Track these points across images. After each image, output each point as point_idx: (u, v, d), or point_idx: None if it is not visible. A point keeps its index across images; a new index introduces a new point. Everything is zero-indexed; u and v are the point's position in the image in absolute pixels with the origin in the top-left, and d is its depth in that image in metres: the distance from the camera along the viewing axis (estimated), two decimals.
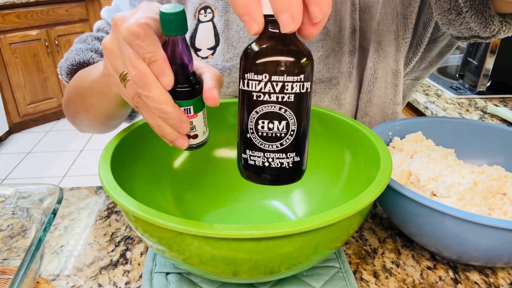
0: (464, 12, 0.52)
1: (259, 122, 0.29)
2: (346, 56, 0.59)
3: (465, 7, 0.52)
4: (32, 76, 2.84)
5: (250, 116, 0.29)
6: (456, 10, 0.53)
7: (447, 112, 1.11)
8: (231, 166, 0.54)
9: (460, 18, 0.54)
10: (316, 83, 0.58)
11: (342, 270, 0.44)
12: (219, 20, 0.57)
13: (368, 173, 0.43)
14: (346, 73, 0.60)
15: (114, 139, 0.43)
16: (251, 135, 0.29)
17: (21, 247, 0.47)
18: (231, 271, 0.35)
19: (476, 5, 0.51)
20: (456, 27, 0.56)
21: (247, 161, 0.30)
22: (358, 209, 0.33)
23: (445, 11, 0.54)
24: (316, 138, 0.52)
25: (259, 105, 0.28)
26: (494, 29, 0.53)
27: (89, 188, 0.61)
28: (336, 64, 0.59)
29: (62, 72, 0.59)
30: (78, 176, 2.41)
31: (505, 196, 0.46)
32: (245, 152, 0.30)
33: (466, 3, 0.52)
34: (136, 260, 0.47)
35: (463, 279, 0.44)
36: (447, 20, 0.55)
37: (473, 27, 0.54)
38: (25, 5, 2.71)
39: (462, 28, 0.56)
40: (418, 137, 0.56)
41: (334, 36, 0.58)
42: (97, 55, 0.58)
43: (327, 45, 0.57)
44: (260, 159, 0.30)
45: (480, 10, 0.52)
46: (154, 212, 0.31)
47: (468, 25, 0.54)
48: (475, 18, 0.53)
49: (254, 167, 0.30)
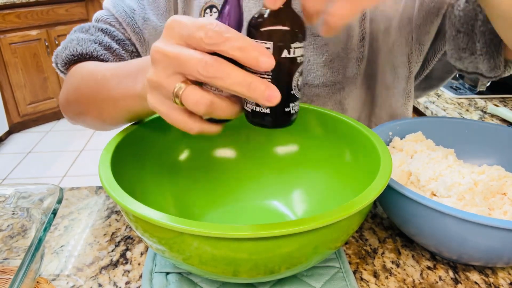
0: (477, 55, 0.53)
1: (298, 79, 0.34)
2: (353, 62, 0.58)
3: (480, 50, 0.53)
4: (32, 76, 2.84)
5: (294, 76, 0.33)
6: (470, 50, 0.54)
7: (447, 112, 1.11)
8: (231, 166, 0.54)
9: (472, 58, 0.55)
10: (319, 87, 0.58)
11: (342, 270, 0.44)
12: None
13: (368, 173, 0.43)
14: (352, 79, 0.59)
15: (114, 139, 0.43)
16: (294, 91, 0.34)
17: (21, 247, 0.47)
18: (231, 271, 0.35)
19: (492, 51, 0.53)
20: (464, 63, 0.57)
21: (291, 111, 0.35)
22: (358, 209, 0.33)
23: (459, 49, 0.55)
24: (316, 138, 0.52)
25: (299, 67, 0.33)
26: (498, 71, 0.55)
27: (89, 188, 0.61)
28: (341, 69, 0.58)
29: (58, 61, 0.55)
30: (78, 176, 2.41)
31: (505, 196, 0.46)
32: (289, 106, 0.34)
33: (483, 48, 0.53)
34: (136, 260, 0.47)
35: (463, 279, 0.44)
36: (458, 56, 0.56)
37: (481, 67, 0.56)
38: (25, 5, 2.71)
39: (470, 65, 0.57)
40: (418, 137, 0.56)
41: (340, 42, 0.57)
42: (101, 48, 0.54)
43: (331, 50, 0.57)
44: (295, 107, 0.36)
45: (493, 56, 0.53)
46: (154, 212, 0.31)
47: (477, 64, 0.55)
48: (487, 62, 0.54)
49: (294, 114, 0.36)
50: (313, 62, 0.57)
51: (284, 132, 0.54)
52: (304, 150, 0.53)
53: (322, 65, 0.57)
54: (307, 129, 0.53)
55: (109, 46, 0.55)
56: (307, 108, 0.52)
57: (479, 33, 0.52)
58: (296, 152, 0.54)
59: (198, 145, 0.53)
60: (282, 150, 0.55)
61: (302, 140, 0.54)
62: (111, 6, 0.58)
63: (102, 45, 0.55)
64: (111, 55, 0.56)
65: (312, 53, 0.56)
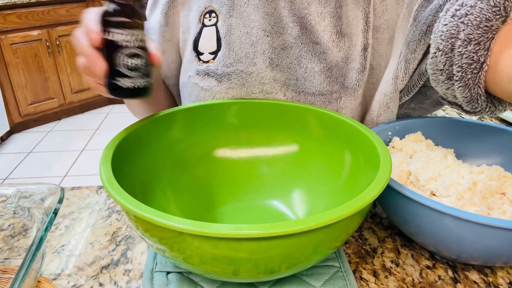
0: (454, 80, 0.49)
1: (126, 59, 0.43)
2: (353, 72, 0.57)
3: (456, 76, 0.48)
4: (33, 76, 2.84)
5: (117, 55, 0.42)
6: (447, 74, 0.50)
7: (446, 112, 1.11)
8: (231, 166, 0.55)
9: (449, 84, 0.50)
10: (315, 95, 0.57)
11: (342, 269, 0.44)
12: (222, 25, 0.56)
13: (368, 173, 0.43)
14: (350, 89, 0.57)
15: (115, 139, 0.43)
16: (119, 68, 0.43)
17: (22, 247, 0.47)
18: (231, 271, 0.35)
19: (468, 79, 0.48)
20: (443, 89, 0.52)
21: (119, 84, 0.43)
22: (358, 209, 0.33)
23: (437, 70, 0.51)
24: (317, 138, 0.53)
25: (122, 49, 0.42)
26: (477, 107, 0.50)
27: (90, 188, 0.61)
28: (339, 78, 0.57)
29: None
30: (79, 175, 2.41)
31: (504, 196, 0.46)
32: (116, 79, 0.43)
33: (458, 73, 0.48)
34: (136, 259, 0.47)
35: (462, 278, 0.44)
36: (436, 78, 0.52)
37: (458, 96, 0.51)
38: (26, 6, 2.72)
39: (448, 93, 0.52)
40: (417, 137, 0.56)
41: (341, 50, 0.56)
42: None
43: (330, 58, 0.56)
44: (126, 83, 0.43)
45: (469, 86, 0.48)
46: (155, 211, 0.32)
47: (454, 92, 0.51)
48: (462, 91, 0.49)
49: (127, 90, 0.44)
50: (311, 69, 0.56)
51: (284, 132, 0.55)
52: (304, 150, 0.54)
53: (320, 73, 0.56)
54: (307, 129, 0.53)
55: None
56: (307, 108, 0.52)
57: (457, 54, 0.48)
58: (296, 152, 0.54)
59: (198, 145, 0.54)
60: (282, 150, 0.55)
61: (302, 140, 0.54)
62: None
63: None
64: None
65: (310, 60, 0.56)
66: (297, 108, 0.53)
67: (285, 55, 0.56)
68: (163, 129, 0.50)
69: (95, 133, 2.95)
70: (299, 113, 0.53)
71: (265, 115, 0.54)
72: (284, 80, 0.56)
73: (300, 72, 0.56)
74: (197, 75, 0.58)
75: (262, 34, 0.55)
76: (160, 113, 0.50)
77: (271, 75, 0.56)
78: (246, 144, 0.55)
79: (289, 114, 0.53)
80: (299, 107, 0.53)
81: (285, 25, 0.55)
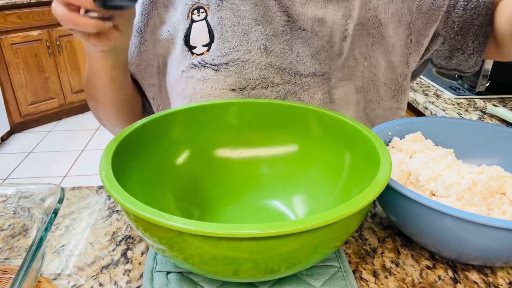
0: (468, 53, 0.64)
1: None
2: (337, 56, 0.62)
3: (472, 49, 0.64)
4: (34, 76, 2.85)
5: None
6: (462, 50, 0.64)
7: (447, 112, 1.11)
8: (231, 166, 0.55)
9: (462, 57, 0.65)
10: (309, 77, 0.61)
11: (341, 269, 0.44)
12: (213, 19, 0.59)
13: (368, 173, 0.43)
14: (337, 71, 0.62)
15: (115, 139, 0.43)
16: None
17: (23, 247, 0.47)
18: (231, 271, 0.35)
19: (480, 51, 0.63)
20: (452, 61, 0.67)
21: None
22: (358, 209, 0.33)
23: (454, 49, 0.65)
24: (316, 138, 0.53)
25: None
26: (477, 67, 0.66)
27: (90, 188, 0.62)
28: (327, 61, 0.61)
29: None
30: (79, 176, 2.41)
31: (504, 196, 0.47)
32: None
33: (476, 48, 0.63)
34: (137, 259, 0.47)
35: (462, 278, 0.44)
36: (450, 55, 0.66)
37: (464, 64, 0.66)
38: (26, 6, 2.72)
39: (454, 63, 0.67)
40: (417, 137, 0.56)
41: (323, 36, 0.61)
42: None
43: (316, 43, 0.60)
44: None
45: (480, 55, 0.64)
46: (155, 211, 0.32)
47: (462, 62, 0.66)
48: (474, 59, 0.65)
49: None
50: (302, 53, 0.60)
51: (284, 132, 0.55)
52: (304, 150, 0.54)
53: (310, 56, 0.60)
54: (307, 129, 0.53)
55: None
56: (307, 108, 0.52)
57: (473, 35, 0.63)
58: (296, 152, 0.54)
59: (199, 145, 0.54)
60: (282, 150, 0.55)
61: (302, 140, 0.54)
62: None
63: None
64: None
65: (300, 46, 0.60)
66: (297, 108, 0.53)
67: (277, 42, 0.59)
68: (163, 129, 0.50)
69: (95, 133, 2.95)
70: (299, 113, 0.53)
71: (265, 115, 0.54)
72: (279, 65, 0.59)
73: (292, 56, 0.60)
74: (192, 68, 0.60)
75: (254, 23, 0.59)
76: (160, 113, 0.50)
77: (266, 60, 0.59)
78: (246, 144, 0.55)
79: (289, 114, 0.54)
80: (299, 107, 0.53)
81: (273, 14, 0.59)
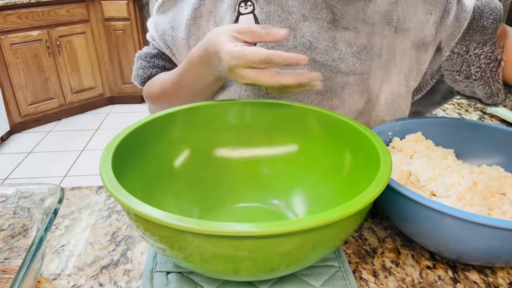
0: (472, 79, 0.56)
1: None
2: (376, 55, 0.61)
3: (475, 75, 0.55)
4: (33, 76, 2.84)
5: None
6: (464, 74, 0.57)
7: (447, 112, 1.11)
8: (231, 166, 0.55)
9: (467, 82, 0.57)
10: (350, 75, 0.61)
11: (341, 269, 0.44)
12: (261, 12, 0.60)
13: (368, 173, 0.43)
14: (376, 70, 0.61)
15: (115, 139, 0.43)
16: None
17: (22, 247, 0.47)
18: (231, 269, 0.35)
19: (487, 77, 0.54)
20: (460, 86, 0.59)
21: None
22: (358, 209, 0.33)
23: (454, 71, 0.58)
24: (316, 138, 0.53)
25: None
26: (498, 100, 0.56)
27: (90, 188, 0.61)
28: (367, 61, 0.61)
29: (136, 83, 0.74)
30: (79, 176, 2.41)
31: (505, 196, 0.47)
32: None
33: (477, 73, 0.54)
34: (136, 259, 0.47)
35: (463, 278, 0.44)
36: (453, 78, 0.59)
37: (477, 92, 0.57)
38: (26, 6, 2.72)
39: (466, 89, 0.59)
40: (417, 137, 0.56)
41: (365, 36, 0.60)
42: (157, 69, 0.71)
43: (358, 42, 0.60)
44: None
45: (489, 83, 0.54)
46: (156, 210, 0.32)
47: (472, 89, 0.57)
48: (482, 88, 0.55)
49: None
50: (345, 52, 0.60)
51: (284, 132, 0.55)
52: (304, 150, 0.54)
53: (352, 55, 0.60)
54: (307, 129, 0.53)
55: (163, 66, 0.73)
56: (307, 108, 0.52)
57: (473, 55, 0.55)
58: (296, 152, 0.54)
59: (199, 145, 0.54)
60: (282, 150, 0.55)
61: (302, 140, 0.54)
62: (153, 30, 0.70)
63: (158, 67, 0.72)
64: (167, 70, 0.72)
65: (343, 44, 0.60)
66: (297, 108, 0.53)
67: (321, 39, 0.59)
68: (163, 129, 0.50)
69: (95, 133, 2.95)
70: (299, 113, 0.53)
71: (265, 115, 0.54)
72: (322, 61, 0.60)
73: (336, 54, 0.60)
74: None
75: (301, 18, 0.59)
76: (160, 113, 0.50)
77: (311, 56, 0.60)
78: (246, 144, 0.55)
79: (289, 114, 0.54)
80: (299, 107, 0.53)
81: (320, 11, 0.59)
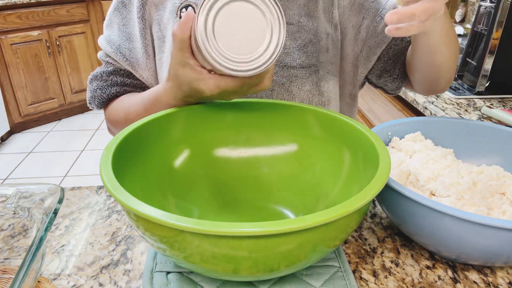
0: (393, 78, 0.71)
1: None
2: (323, 49, 0.65)
3: (397, 75, 0.70)
4: (33, 76, 2.85)
5: None
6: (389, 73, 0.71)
7: (446, 112, 1.11)
8: (231, 166, 0.55)
9: (389, 79, 0.71)
10: (297, 68, 0.64)
11: (341, 269, 0.44)
12: None
13: (367, 172, 0.43)
14: (325, 63, 0.66)
15: (115, 139, 0.43)
16: None
17: (22, 247, 0.47)
18: (231, 269, 0.35)
19: (403, 78, 0.70)
20: (380, 80, 0.72)
21: None
22: (356, 208, 0.33)
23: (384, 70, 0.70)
24: (316, 137, 0.53)
25: None
26: (398, 91, 0.73)
27: (90, 188, 0.62)
28: (314, 54, 0.65)
29: (93, 106, 0.70)
30: (79, 176, 2.41)
31: (504, 196, 0.47)
32: None
33: (400, 74, 0.70)
34: (136, 259, 0.47)
35: (462, 278, 0.44)
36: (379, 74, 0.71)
37: (390, 85, 0.72)
38: (26, 6, 2.72)
39: (381, 82, 0.72)
40: (417, 137, 0.56)
41: (310, 30, 0.64)
42: (118, 87, 0.68)
43: (303, 36, 0.64)
44: None
45: (403, 82, 0.71)
46: (156, 210, 0.32)
47: (387, 83, 0.72)
48: (397, 84, 0.71)
49: None
50: (289, 46, 0.64)
51: (283, 132, 0.55)
52: (304, 150, 0.54)
53: (297, 49, 0.64)
54: (306, 129, 0.53)
55: (122, 82, 0.69)
56: (307, 108, 0.52)
57: (401, 63, 0.69)
58: (295, 151, 0.54)
59: (198, 145, 0.54)
60: (281, 150, 0.55)
61: (301, 139, 0.54)
62: (107, 46, 0.69)
63: (117, 85, 0.69)
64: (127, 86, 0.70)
65: (288, 39, 0.64)
66: (296, 108, 0.53)
67: None
68: (163, 129, 0.50)
69: (95, 133, 2.95)
70: (299, 113, 0.53)
71: (264, 115, 0.54)
72: None
73: None
74: None
75: None
76: (160, 113, 0.50)
77: None
78: (246, 144, 0.55)
79: (288, 114, 0.54)
80: (298, 107, 0.53)
81: None
